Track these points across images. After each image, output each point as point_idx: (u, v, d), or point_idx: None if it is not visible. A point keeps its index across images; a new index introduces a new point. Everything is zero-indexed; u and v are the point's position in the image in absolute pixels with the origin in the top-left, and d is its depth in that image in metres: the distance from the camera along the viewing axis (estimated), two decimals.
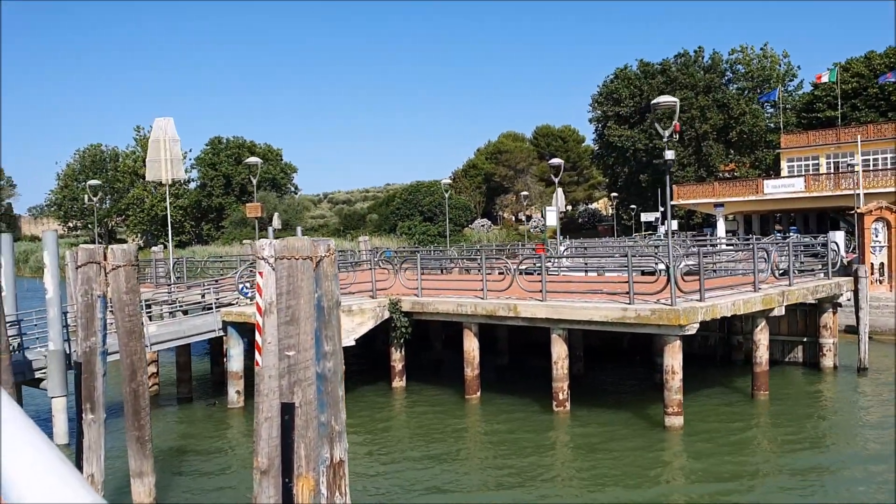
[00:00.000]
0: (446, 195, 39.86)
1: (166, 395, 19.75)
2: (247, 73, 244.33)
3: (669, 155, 15.16)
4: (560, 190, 70.64)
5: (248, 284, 19.64)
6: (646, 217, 70.26)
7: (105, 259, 10.43)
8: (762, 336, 17.40)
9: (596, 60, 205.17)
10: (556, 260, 24.31)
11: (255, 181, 23.19)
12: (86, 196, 52.73)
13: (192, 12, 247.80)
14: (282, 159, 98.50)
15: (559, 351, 15.87)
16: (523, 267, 18.60)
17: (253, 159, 22.86)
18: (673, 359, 14.62)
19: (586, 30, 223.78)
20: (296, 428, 7.73)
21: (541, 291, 16.21)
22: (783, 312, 17.84)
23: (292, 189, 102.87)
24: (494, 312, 16.62)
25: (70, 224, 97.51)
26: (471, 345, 17.46)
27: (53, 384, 14.54)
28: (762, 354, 17.34)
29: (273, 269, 7.90)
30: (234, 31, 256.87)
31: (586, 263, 25.14)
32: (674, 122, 14.57)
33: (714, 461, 13.13)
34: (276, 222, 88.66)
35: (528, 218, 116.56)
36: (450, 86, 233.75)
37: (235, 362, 17.66)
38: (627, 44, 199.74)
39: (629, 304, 14.91)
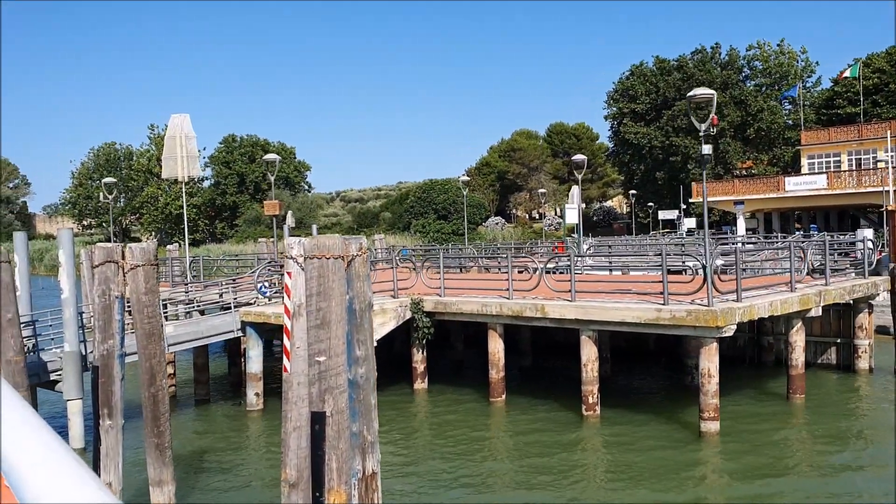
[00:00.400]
0: (464, 192, 39.16)
1: (183, 396, 19.34)
2: (261, 71, 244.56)
3: (706, 149, 14.57)
4: (577, 187, 69.94)
5: (266, 284, 19.21)
6: (664, 215, 69.43)
7: (123, 258, 9.98)
8: (798, 337, 16.79)
9: (611, 57, 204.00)
10: (580, 258, 23.71)
11: (272, 178, 22.77)
12: (100, 194, 52.47)
13: (208, 12, 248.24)
14: (295, 157, 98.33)
15: (589, 353, 15.32)
16: (550, 266, 18.02)
17: (271, 156, 22.45)
18: (709, 362, 14.05)
19: (601, 27, 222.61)
20: (327, 439, 7.24)
21: (569, 291, 15.66)
22: (819, 313, 17.22)
23: (305, 187, 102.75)
24: (521, 313, 16.09)
25: (84, 222, 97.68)
26: (496, 346, 16.94)
27: (69, 386, 14.13)
28: (798, 356, 16.73)
29: (302, 270, 7.41)
30: (249, 30, 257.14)
31: (610, 262, 24.55)
32: (711, 115, 13.98)
33: (754, 468, 12.57)
34: (290, 220, 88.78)
35: (542, 216, 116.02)
36: (463, 84, 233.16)
37: (254, 364, 17.21)
38: (643, 40, 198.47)
39: (663, 304, 14.34)
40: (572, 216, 37.59)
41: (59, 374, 14.63)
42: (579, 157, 26.72)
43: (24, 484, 0.94)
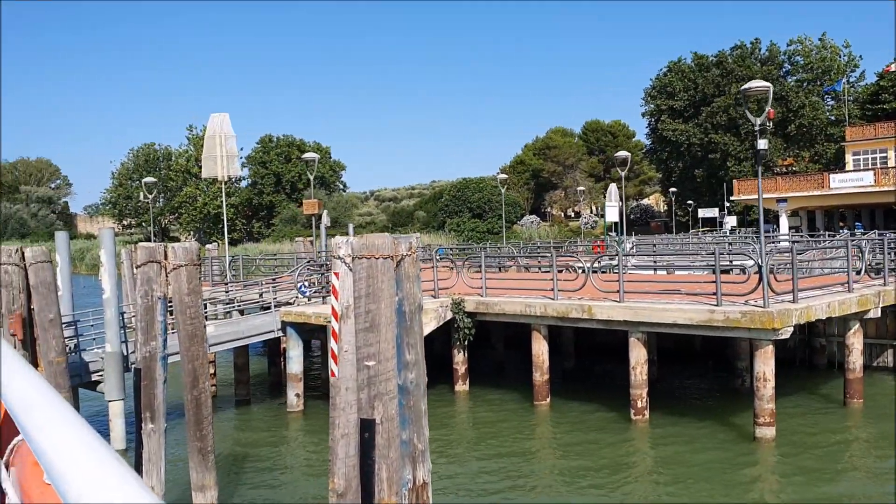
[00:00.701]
0: (502, 190, 38.45)
1: (224, 396, 19.24)
2: (297, 71, 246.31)
3: (762, 144, 14.01)
4: (614, 185, 69.10)
5: (306, 283, 19.04)
6: (703, 213, 68.16)
7: (165, 258, 9.79)
8: (856, 340, 16.12)
9: (647, 54, 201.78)
10: (623, 257, 23.14)
11: (311, 177, 22.57)
12: (140, 193, 53.24)
13: (243, 13, 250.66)
14: (330, 157, 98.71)
15: (638, 355, 14.84)
16: (593, 265, 17.55)
17: (309, 155, 22.27)
18: (765, 365, 13.49)
19: (636, 24, 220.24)
20: (376, 447, 6.92)
21: (617, 292, 15.20)
22: (878, 314, 16.52)
23: (340, 187, 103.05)
24: (567, 314, 15.66)
25: (124, 222, 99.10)
26: (540, 348, 16.53)
27: (110, 387, 14.04)
28: (856, 360, 16.06)
29: (350, 270, 7.11)
30: (284, 30, 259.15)
31: (655, 261, 23.97)
32: (767, 109, 13.43)
33: (813, 476, 12.01)
34: (326, 220, 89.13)
35: (577, 214, 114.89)
36: (497, 82, 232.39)
37: (295, 364, 17.01)
38: (680, 37, 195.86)
39: (716, 305, 13.82)
40: (613, 214, 36.98)
41: (101, 375, 14.56)
42: (622, 153, 26.16)
43: (67, 484, 0.93)
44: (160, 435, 9.96)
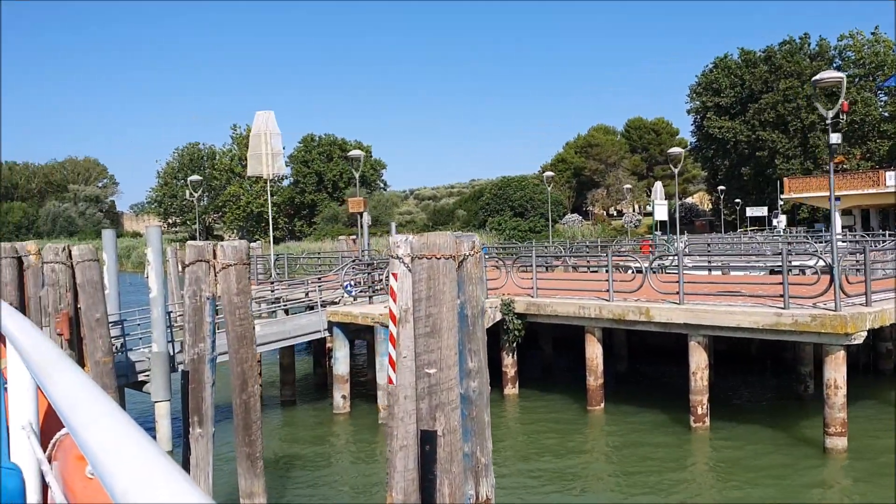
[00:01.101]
0: (548, 188, 37.49)
1: (269, 397, 19.01)
2: (337, 70, 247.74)
3: (835, 139, 13.24)
4: (659, 183, 67.82)
5: (351, 282, 18.72)
6: (752, 212, 66.52)
7: (214, 257, 9.47)
8: None
9: (691, 50, 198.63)
10: (676, 258, 22.40)
11: (357, 175, 22.26)
12: (187, 191, 53.61)
13: (285, 13, 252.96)
14: (371, 156, 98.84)
15: (698, 360, 14.19)
16: (641, 265, 16.89)
17: (355, 152, 21.97)
18: (836, 372, 12.75)
19: (680, 20, 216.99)
20: (438, 461, 6.47)
21: (677, 293, 14.55)
22: None
23: (381, 185, 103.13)
24: (623, 316, 15.05)
25: (169, 220, 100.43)
26: (594, 351, 15.94)
27: (157, 388, 13.86)
28: None
29: (409, 271, 6.67)
30: (325, 31, 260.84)
31: (709, 261, 23.16)
32: (840, 101, 12.70)
33: (890, 490, 11.26)
34: (367, 218, 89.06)
35: (619, 213, 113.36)
36: (536, 80, 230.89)
37: (341, 365, 16.68)
38: (724, 33, 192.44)
39: (783, 308, 13.11)
40: (661, 213, 36.12)
41: (147, 375, 14.39)
42: (675, 150, 25.34)
43: (117, 483, 0.91)
44: (208, 440, 9.66)
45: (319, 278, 20.74)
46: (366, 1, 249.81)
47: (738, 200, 74.37)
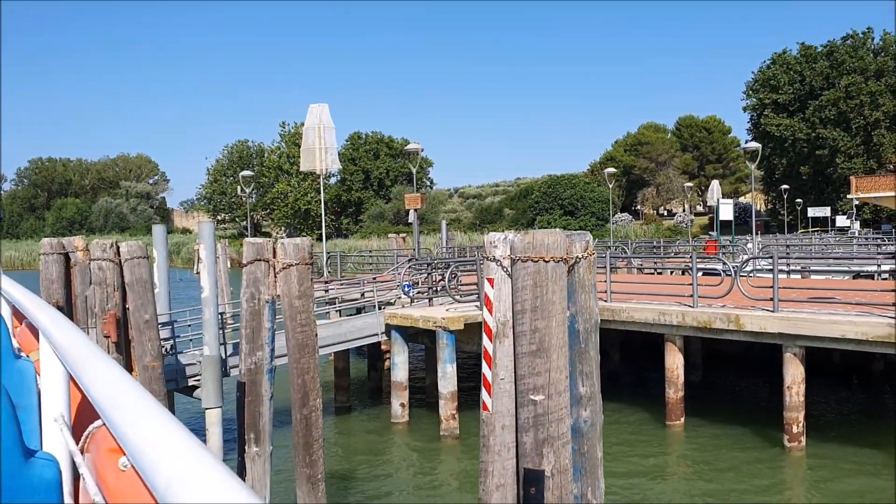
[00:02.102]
0: (609, 186, 35.68)
1: (323, 402, 18.10)
2: (383, 68, 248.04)
3: None
4: (716, 182, 65.75)
5: (410, 283, 17.73)
6: (813, 212, 63.99)
7: (274, 256, 8.52)
8: None
9: (744, 47, 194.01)
10: (753, 261, 20.93)
11: (413, 169, 21.21)
12: (238, 188, 53.49)
13: (332, 11, 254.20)
14: (418, 154, 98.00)
15: (794, 374, 12.84)
16: (728, 267, 15.52)
17: (412, 146, 21.04)
18: None
19: (732, 15, 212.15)
20: None
21: (770, 300, 13.22)
22: None
23: (428, 183, 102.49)
24: (709, 324, 13.76)
25: (218, 217, 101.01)
26: (674, 361, 14.67)
27: (208, 394, 12.92)
28: None
29: (508, 275, 5.59)
30: (372, 29, 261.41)
31: (788, 265, 21.63)
32: None
33: None
34: (413, 216, 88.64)
35: (669, 212, 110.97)
36: (584, 78, 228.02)
37: (400, 371, 15.66)
38: (778, 28, 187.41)
39: None
40: (727, 212, 34.52)
41: (198, 380, 13.55)
42: (753, 144, 23.83)
43: (158, 476, 0.90)
44: (265, 460, 8.72)
45: (375, 278, 19.77)
46: (411, 0, 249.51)
47: (798, 200, 71.78)
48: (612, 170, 39.93)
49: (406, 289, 17.61)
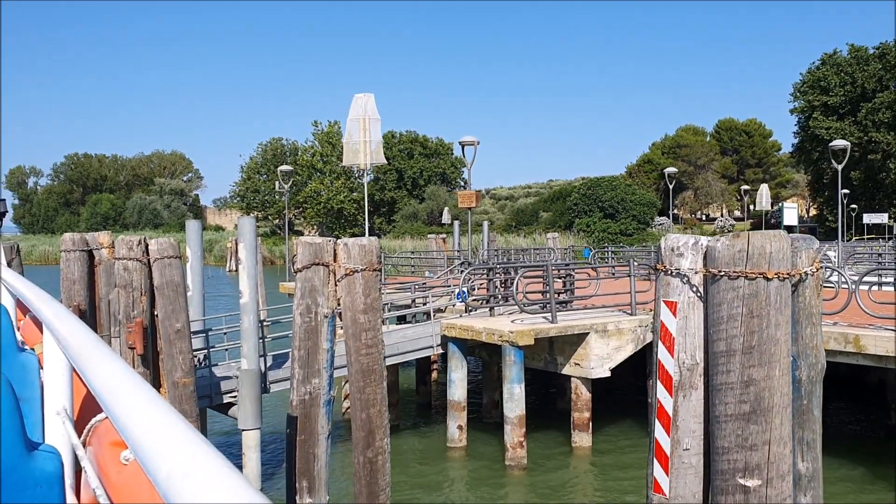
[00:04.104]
0: (669, 186, 32.98)
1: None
2: (416, 69, 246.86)
3: None
4: (765, 186, 63.12)
5: (465, 289, 15.98)
6: (870, 218, 61.17)
7: (335, 259, 6.82)
8: None
9: (785, 49, 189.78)
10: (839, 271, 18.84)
11: (469, 165, 19.37)
12: (276, 183, 52.51)
13: (364, 11, 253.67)
14: (452, 153, 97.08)
15: None
16: (845, 278, 13.56)
17: (469, 138, 19.32)
18: None
19: (771, 18, 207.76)
20: None
21: (893, 318, 11.27)
22: None
23: (462, 183, 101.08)
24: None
25: (251, 215, 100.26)
26: None
27: (245, 414, 11.33)
28: None
29: (699, 298, 3.83)
30: (404, 30, 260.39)
31: (880, 276, 19.52)
32: None
33: None
34: (446, 216, 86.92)
35: (708, 217, 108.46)
36: (617, 80, 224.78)
37: (458, 389, 13.88)
38: (818, 31, 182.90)
39: None
40: (791, 217, 32.37)
41: (234, 396, 11.94)
42: (841, 142, 21.74)
43: (159, 469, 0.89)
44: None
45: (426, 282, 18.05)
46: (446, 1, 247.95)
47: (853, 206, 68.94)
48: (672, 169, 37.28)
49: (460, 295, 15.88)
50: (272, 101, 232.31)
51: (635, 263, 14.71)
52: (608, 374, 13.44)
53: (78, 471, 2.02)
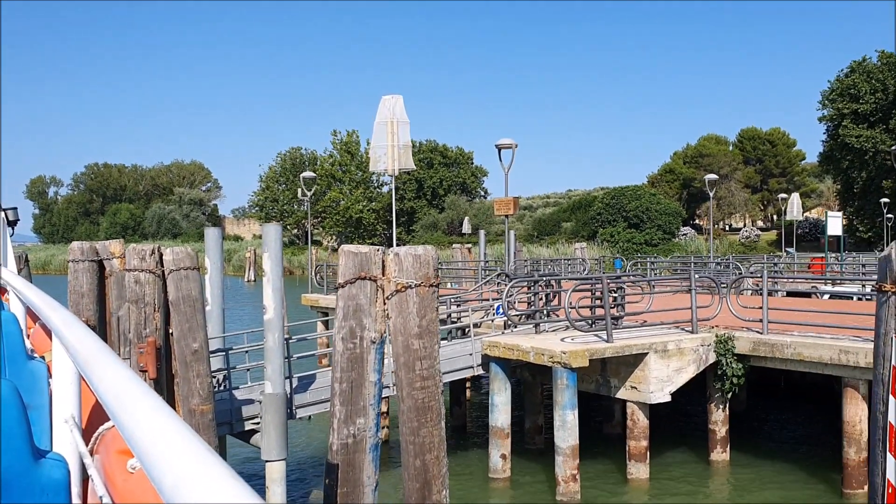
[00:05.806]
0: (710, 193, 30.77)
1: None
2: (434, 78, 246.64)
3: None
4: (796, 195, 61.33)
5: (507, 303, 14.72)
6: None
7: (384, 273, 5.61)
8: None
9: (809, 59, 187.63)
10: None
11: (506, 170, 18.05)
12: (299, 191, 51.63)
13: (381, 20, 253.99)
14: (472, 162, 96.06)
15: None
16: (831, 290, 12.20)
17: (505, 140, 18.13)
18: None
19: (795, 26, 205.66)
20: None
21: None
22: None
23: (482, 193, 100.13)
24: None
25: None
26: (856, 413, 11.38)
27: (269, 443, 10.11)
28: None
29: None
30: (422, 38, 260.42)
31: None
32: None
33: None
34: (466, 226, 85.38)
35: (731, 227, 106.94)
36: (638, 90, 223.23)
37: (501, 414, 12.57)
38: (844, 40, 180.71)
39: None
40: (835, 226, 30.92)
41: (256, 423, 10.75)
42: None
43: (165, 478, 0.88)
44: None
45: (459, 295, 16.81)
46: (465, 1, 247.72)
47: (889, 216, 67.09)
48: (713, 176, 35.38)
49: (500, 310, 14.65)
50: (291, 110, 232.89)
51: (695, 276, 13.35)
52: (668, 398, 12.13)
53: (85, 479, 2.03)
